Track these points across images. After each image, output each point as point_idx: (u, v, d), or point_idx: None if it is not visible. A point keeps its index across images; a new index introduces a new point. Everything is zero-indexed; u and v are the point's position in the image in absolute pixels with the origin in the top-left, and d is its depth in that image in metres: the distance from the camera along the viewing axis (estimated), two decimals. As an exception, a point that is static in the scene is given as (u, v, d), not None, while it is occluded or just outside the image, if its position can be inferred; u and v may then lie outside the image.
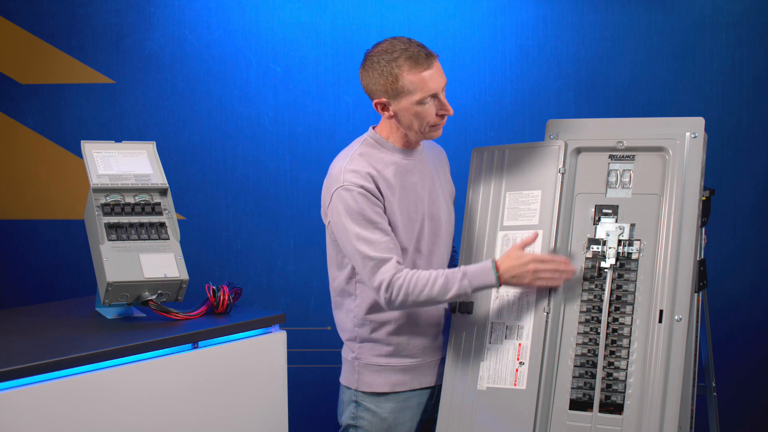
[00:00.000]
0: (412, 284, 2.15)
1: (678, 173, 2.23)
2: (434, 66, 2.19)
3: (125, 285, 2.32)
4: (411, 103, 2.19)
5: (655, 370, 2.13)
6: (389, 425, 2.30)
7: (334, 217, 2.21)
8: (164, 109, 3.60)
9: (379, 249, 2.16)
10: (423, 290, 2.15)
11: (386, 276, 2.15)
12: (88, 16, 3.59)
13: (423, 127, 2.23)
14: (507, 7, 3.49)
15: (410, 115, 2.21)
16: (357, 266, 2.20)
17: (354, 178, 2.19)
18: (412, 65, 2.17)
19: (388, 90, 2.19)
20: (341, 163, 2.25)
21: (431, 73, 2.18)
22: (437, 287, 2.15)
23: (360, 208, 2.18)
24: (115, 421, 2.10)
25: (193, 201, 3.60)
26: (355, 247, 2.17)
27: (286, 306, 3.60)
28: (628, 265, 2.23)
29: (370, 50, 2.23)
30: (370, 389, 2.30)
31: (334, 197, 2.21)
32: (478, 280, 2.17)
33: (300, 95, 3.57)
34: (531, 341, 2.23)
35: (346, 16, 3.54)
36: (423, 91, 2.18)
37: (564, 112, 3.47)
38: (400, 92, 2.18)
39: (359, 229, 2.17)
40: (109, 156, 2.50)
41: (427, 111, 2.20)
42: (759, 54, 3.41)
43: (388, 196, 2.22)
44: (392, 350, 2.29)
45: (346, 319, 2.32)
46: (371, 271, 2.16)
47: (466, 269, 2.18)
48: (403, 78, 2.17)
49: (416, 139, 2.28)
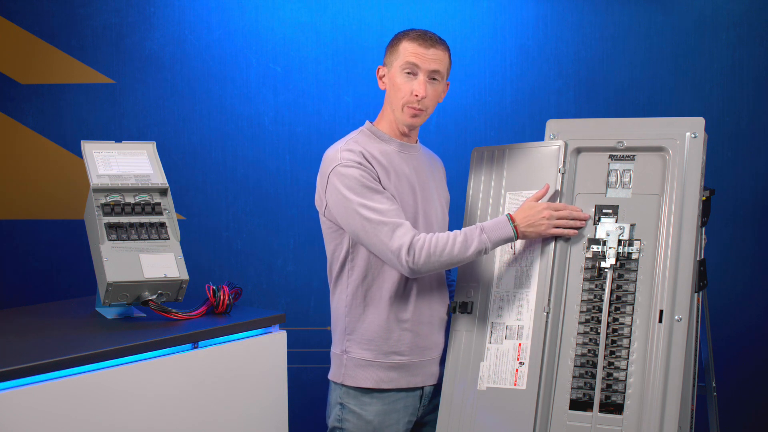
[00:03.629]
0: (433, 244, 2.16)
1: (678, 173, 2.23)
2: (431, 48, 2.25)
3: (125, 285, 2.32)
4: (396, 71, 2.26)
5: (655, 370, 2.13)
6: (374, 428, 2.28)
7: (334, 196, 2.21)
8: (164, 109, 3.60)
9: (390, 215, 2.17)
10: (444, 249, 2.16)
11: (406, 239, 2.15)
12: (88, 16, 3.59)
13: (398, 103, 2.26)
14: (507, 7, 3.49)
15: (392, 86, 2.27)
16: (369, 237, 2.18)
17: (350, 155, 2.22)
18: (416, 37, 2.26)
19: (388, 56, 2.29)
20: (336, 146, 2.28)
21: (423, 51, 2.24)
22: (458, 245, 2.17)
23: (361, 181, 2.19)
24: (115, 421, 2.09)
25: (193, 201, 3.60)
26: (363, 217, 2.17)
27: (286, 306, 3.60)
28: (628, 265, 2.23)
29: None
30: (356, 384, 2.29)
31: (331, 177, 2.21)
32: (496, 233, 2.19)
33: (300, 95, 3.57)
34: (531, 341, 2.23)
35: (346, 16, 3.54)
36: (406, 57, 2.24)
37: (564, 112, 3.47)
38: (394, 58, 2.27)
39: (364, 199, 2.18)
40: (109, 156, 2.50)
41: (404, 84, 2.25)
42: (759, 54, 3.41)
43: (383, 177, 2.24)
44: (381, 346, 2.27)
45: (338, 308, 2.32)
46: (387, 236, 2.16)
47: (482, 225, 2.21)
48: (401, 44, 2.27)
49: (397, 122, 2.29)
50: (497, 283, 2.31)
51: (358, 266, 2.26)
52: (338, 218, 2.23)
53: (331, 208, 2.23)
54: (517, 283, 2.29)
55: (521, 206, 2.25)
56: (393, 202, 2.20)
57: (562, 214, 2.24)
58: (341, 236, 2.26)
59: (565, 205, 2.26)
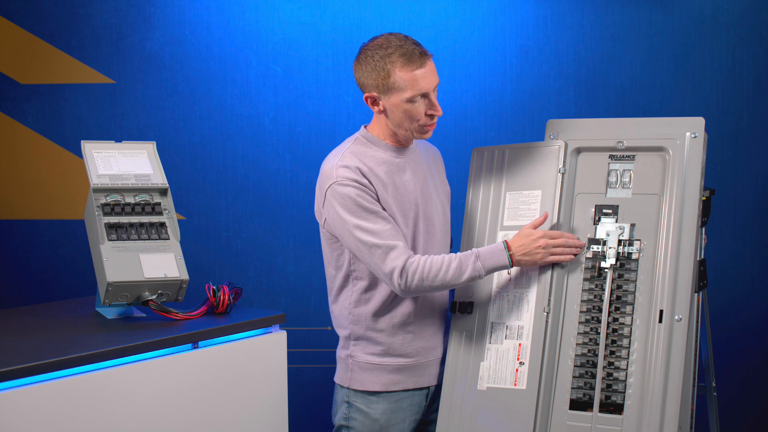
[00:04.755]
0: (426, 269, 2.15)
1: (678, 173, 2.23)
2: (427, 65, 2.19)
3: (125, 285, 2.32)
4: (401, 100, 2.19)
5: (655, 370, 2.13)
6: (381, 426, 2.29)
7: (331, 214, 2.21)
8: (164, 109, 3.60)
9: (384, 236, 2.16)
10: (438, 274, 2.16)
11: (398, 262, 2.15)
12: (88, 16, 3.59)
13: (412, 125, 2.23)
14: (507, 7, 3.49)
15: (399, 113, 2.21)
16: (364, 258, 2.19)
17: (346, 173, 2.20)
18: (405, 62, 2.17)
19: (380, 85, 2.19)
20: (332, 160, 2.25)
21: (423, 72, 2.18)
22: (451, 271, 2.16)
23: (356, 201, 2.18)
24: (115, 421, 2.09)
25: (193, 201, 3.60)
26: (358, 239, 2.17)
27: (286, 306, 3.60)
28: (628, 265, 2.23)
29: (366, 44, 2.24)
30: (363, 387, 2.29)
31: (328, 194, 2.21)
32: (491, 261, 2.18)
33: (300, 95, 3.57)
34: (531, 341, 2.23)
35: (346, 16, 3.54)
36: (413, 90, 2.18)
37: (564, 112, 3.47)
38: (391, 88, 2.19)
39: (359, 220, 2.17)
40: (109, 156, 2.50)
41: (416, 109, 2.20)
42: (759, 54, 3.41)
43: (381, 192, 2.22)
44: (386, 349, 2.28)
45: (342, 316, 2.32)
46: (380, 258, 2.15)
47: (478, 251, 2.19)
48: (395, 74, 2.17)
49: (406, 137, 2.28)
50: (497, 283, 2.31)
51: (362, 276, 2.26)
52: (336, 235, 2.24)
53: (330, 224, 2.23)
54: (517, 283, 2.29)
55: (518, 233, 2.23)
56: (388, 222, 2.19)
57: (558, 242, 2.23)
58: (342, 246, 2.26)
59: (561, 233, 2.24)
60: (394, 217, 2.23)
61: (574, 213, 2.31)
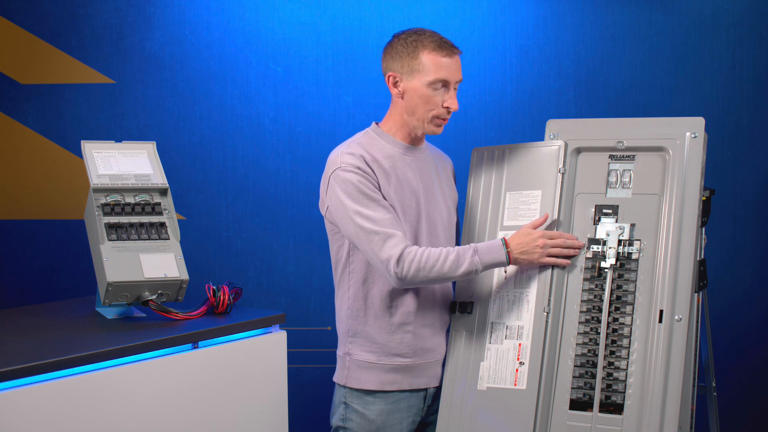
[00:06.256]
0: (424, 259, 2.16)
1: (678, 173, 2.23)
2: (455, 58, 2.24)
3: (125, 285, 2.32)
4: (422, 84, 2.22)
5: (655, 370, 2.13)
6: (378, 427, 2.28)
7: (333, 199, 2.22)
8: (164, 109, 3.60)
9: (383, 224, 2.16)
10: (434, 266, 2.16)
11: (396, 250, 2.15)
12: (88, 16, 3.59)
13: (426, 114, 2.24)
14: (507, 7, 3.49)
15: (417, 97, 2.23)
16: (362, 244, 2.19)
17: (350, 159, 2.21)
18: (435, 47, 2.22)
19: (405, 65, 2.23)
20: (340, 148, 2.27)
21: (450, 62, 2.23)
22: (448, 263, 2.16)
23: (358, 187, 2.19)
24: (115, 421, 2.10)
25: (193, 201, 3.60)
26: (357, 225, 2.17)
27: (286, 306, 3.60)
28: (628, 265, 2.23)
29: (400, 32, 2.28)
30: (359, 385, 2.29)
31: (331, 180, 2.22)
32: (489, 256, 2.19)
33: (300, 95, 3.57)
34: (531, 341, 2.23)
35: (346, 16, 3.54)
36: (437, 74, 2.21)
37: (564, 112, 3.47)
38: (416, 70, 2.22)
39: (359, 206, 2.17)
40: (109, 156, 2.50)
41: (434, 97, 2.22)
42: (759, 54, 3.41)
43: (383, 183, 2.23)
44: (383, 348, 2.27)
45: (341, 310, 2.32)
46: (378, 245, 2.16)
47: (476, 246, 2.20)
48: (423, 56, 2.22)
49: (415, 129, 2.28)
50: (497, 283, 2.31)
51: (358, 268, 2.26)
52: (336, 222, 2.24)
53: (331, 210, 2.24)
54: (517, 283, 2.29)
55: (517, 232, 2.24)
56: (389, 211, 2.20)
57: (557, 243, 2.24)
58: (343, 238, 2.27)
59: (561, 234, 2.25)
60: (395, 209, 2.23)
61: (574, 213, 2.31)
